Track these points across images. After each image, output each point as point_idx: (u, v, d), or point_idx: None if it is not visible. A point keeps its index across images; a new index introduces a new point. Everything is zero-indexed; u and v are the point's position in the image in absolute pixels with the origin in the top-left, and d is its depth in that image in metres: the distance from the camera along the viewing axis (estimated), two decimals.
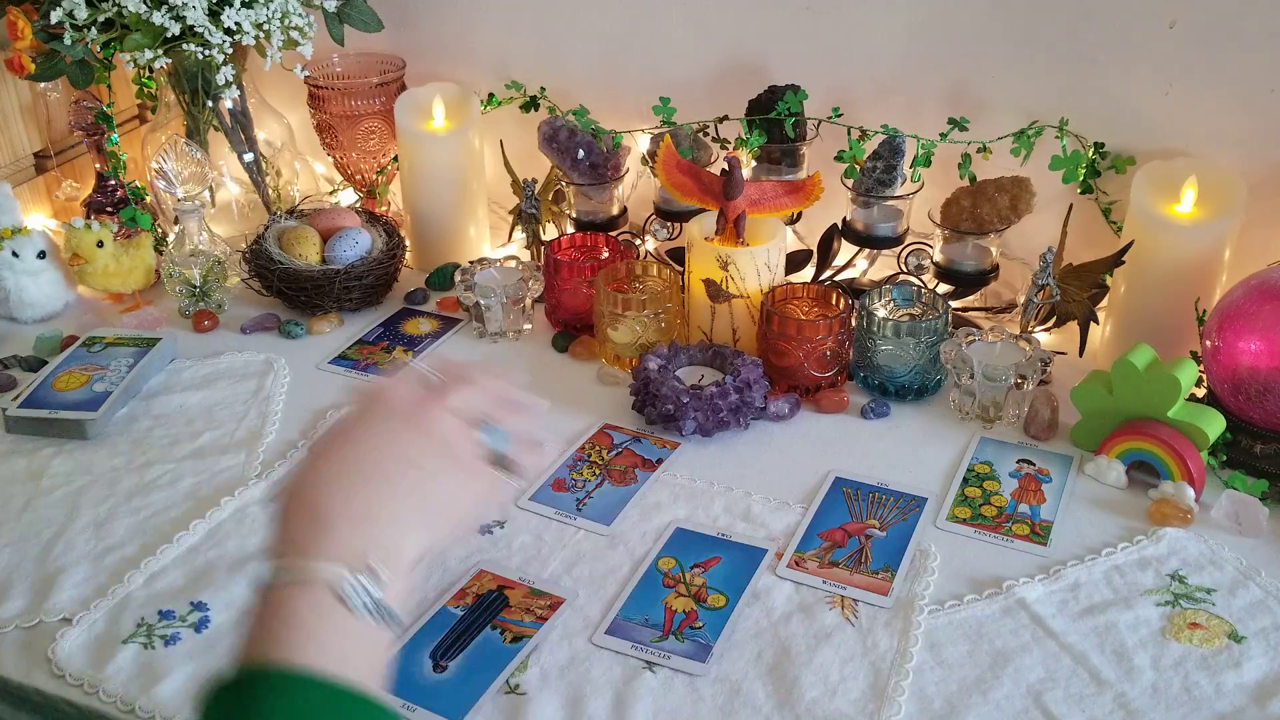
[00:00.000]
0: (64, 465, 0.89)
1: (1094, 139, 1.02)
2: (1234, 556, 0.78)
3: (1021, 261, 1.10)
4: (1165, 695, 0.67)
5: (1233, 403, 0.85)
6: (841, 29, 1.09)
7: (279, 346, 1.08)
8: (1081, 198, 1.03)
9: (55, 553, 0.79)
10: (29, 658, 0.71)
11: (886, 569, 0.77)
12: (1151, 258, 0.95)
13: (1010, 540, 0.80)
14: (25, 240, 1.10)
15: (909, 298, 0.99)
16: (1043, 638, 0.71)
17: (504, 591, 0.75)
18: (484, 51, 1.25)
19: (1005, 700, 0.67)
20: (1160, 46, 0.97)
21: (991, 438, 0.92)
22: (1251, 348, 0.82)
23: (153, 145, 1.22)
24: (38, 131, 1.27)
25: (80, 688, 0.69)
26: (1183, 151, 0.99)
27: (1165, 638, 0.71)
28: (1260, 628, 0.72)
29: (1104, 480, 0.86)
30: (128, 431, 0.94)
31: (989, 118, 1.05)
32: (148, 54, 1.05)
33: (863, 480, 0.87)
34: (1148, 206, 0.95)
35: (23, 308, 1.11)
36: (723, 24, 1.14)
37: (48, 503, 0.85)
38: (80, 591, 0.76)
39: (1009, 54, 1.04)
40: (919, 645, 0.71)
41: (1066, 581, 0.76)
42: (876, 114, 1.08)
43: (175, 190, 1.09)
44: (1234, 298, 0.85)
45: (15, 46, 1.14)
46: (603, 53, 1.20)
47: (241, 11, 1.05)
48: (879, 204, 1.07)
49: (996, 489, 0.86)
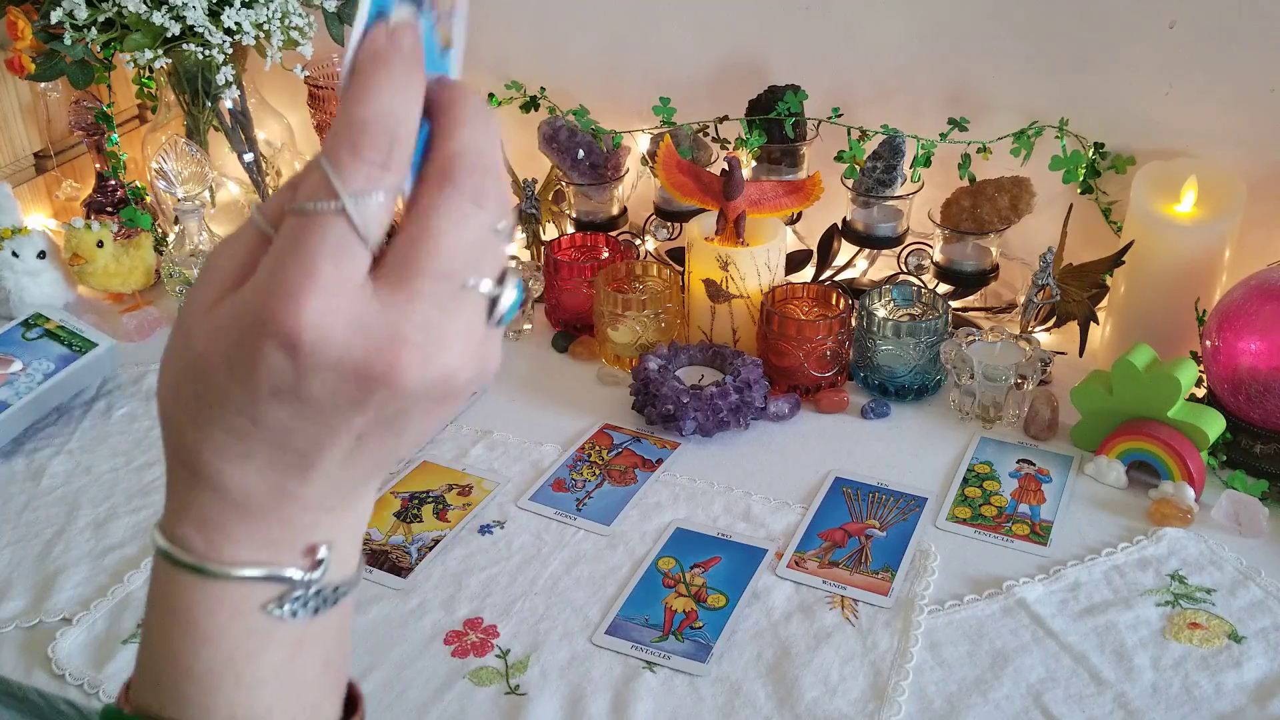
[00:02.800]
0: (63, 465, 0.89)
1: (1094, 139, 1.02)
2: (1234, 556, 0.78)
3: (1021, 261, 1.10)
4: (1165, 695, 0.67)
5: (1232, 403, 0.85)
6: (841, 29, 1.09)
7: None
8: (1081, 198, 1.03)
9: (55, 553, 0.79)
10: (29, 658, 0.71)
11: (886, 569, 0.77)
12: (1151, 258, 0.95)
13: (1010, 540, 0.80)
14: (25, 240, 1.10)
15: (909, 298, 0.99)
16: (1043, 638, 0.71)
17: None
18: (484, 51, 1.25)
19: (1005, 700, 0.67)
20: (1160, 46, 0.97)
21: (991, 438, 0.92)
22: (1251, 348, 0.82)
23: (153, 145, 1.22)
24: (38, 132, 1.27)
25: (80, 688, 0.69)
26: (1182, 151, 0.99)
27: (1165, 638, 0.71)
28: (1260, 628, 0.72)
29: (1104, 480, 0.86)
30: (128, 431, 0.94)
31: (989, 118, 1.05)
32: (148, 54, 1.05)
33: (863, 480, 0.87)
34: (1148, 206, 0.95)
35: (23, 308, 1.11)
36: (723, 24, 1.13)
37: (47, 502, 0.85)
38: (80, 591, 0.76)
39: (1009, 54, 1.04)
40: (919, 645, 0.71)
41: (1066, 581, 0.76)
42: (876, 114, 1.08)
43: (175, 190, 1.09)
44: (1234, 298, 0.85)
45: (15, 46, 1.14)
46: (603, 53, 1.20)
47: (241, 11, 1.05)
48: (879, 204, 1.07)
49: (996, 489, 0.86)
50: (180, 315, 0.32)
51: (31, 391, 0.84)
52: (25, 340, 0.88)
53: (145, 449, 0.91)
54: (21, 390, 0.84)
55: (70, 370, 0.89)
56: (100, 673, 0.69)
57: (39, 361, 0.87)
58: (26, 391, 0.84)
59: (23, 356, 0.86)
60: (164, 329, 1.10)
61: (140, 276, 1.14)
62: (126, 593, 0.76)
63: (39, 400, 0.85)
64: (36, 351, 0.89)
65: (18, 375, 0.84)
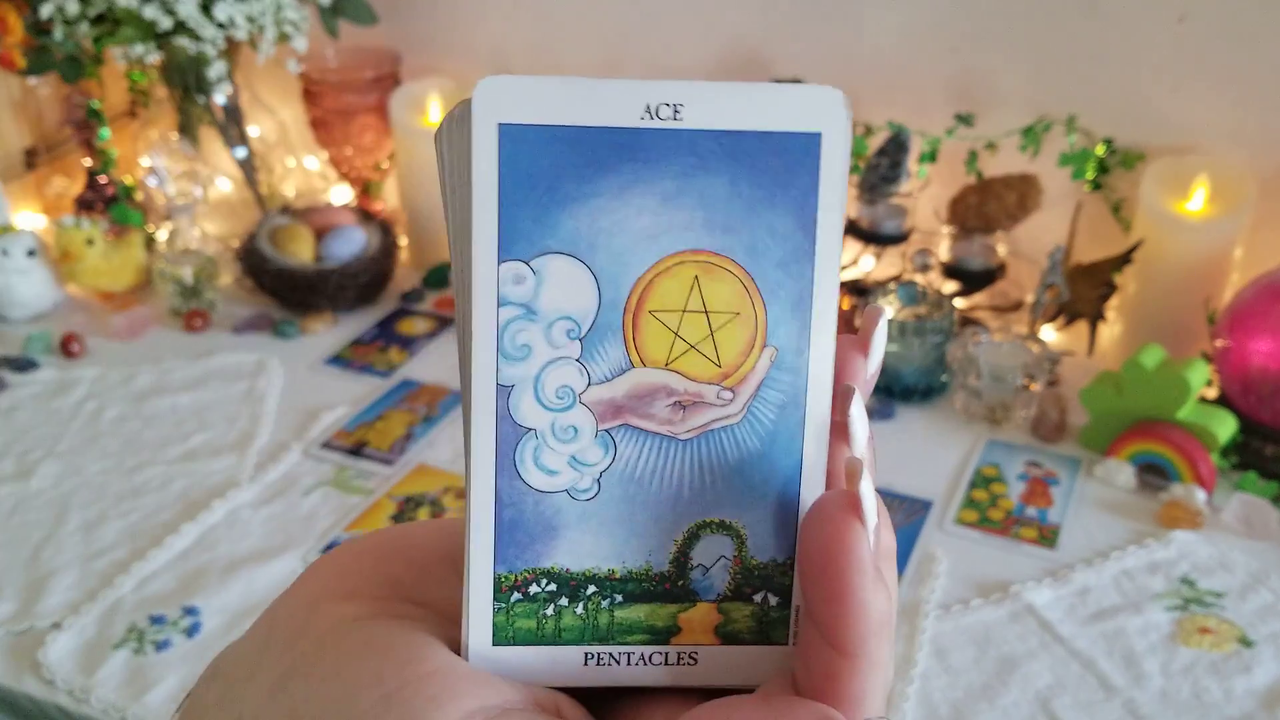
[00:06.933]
0: (53, 467, 0.88)
1: (1103, 135, 1.01)
2: (1244, 560, 0.77)
3: (1029, 260, 1.08)
4: (1175, 701, 0.66)
5: (1243, 404, 0.84)
6: (845, 23, 1.08)
7: (272, 346, 1.06)
8: (1090, 195, 1.02)
9: (44, 556, 0.78)
10: (18, 663, 0.70)
11: None
12: (1161, 256, 0.94)
13: (1018, 544, 0.79)
14: (14, 238, 1.09)
15: (914, 297, 0.98)
16: (1050, 643, 0.70)
17: None
18: (481, 45, 1.23)
19: (1013, 707, 0.65)
20: (1170, 41, 0.96)
21: (999, 439, 0.91)
22: (1263, 348, 0.81)
23: (144, 142, 1.20)
24: (27, 128, 1.25)
25: (71, 694, 0.67)
26: (1193, 148, 0.98)
27: (1175, 642, 0.70)
28: (1270, 632, 0.71)
29: (1113, 483, 0.85)
30: (118, 433, 0.92)
31: (996, 113, 1.03)
32: (139, 49, 1.03)
33: None
34: (1157, 204, 0.94)
35: (12, 307, 1.09)
36: (724, 18, 1.12)
37: (36, 505, 0.83)
38: (70, 596, 0.75)
39: (1017, 48, 1.02)
40: (925, 651, 0.69)
41: (1075, 586, 0.75)
42: (881, 110, 1.06)
43: (167, 187, 1.07)
44: (1245, 297, 0.84)
45: (5, 41, 1.12)
46: (603, 48, 1.18)
47: (234, 5, 1.04)
48: (884, 201, 1.06)
49: (1004, 492, 0.85)
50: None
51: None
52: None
53: (136, 451, 0.90)
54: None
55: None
56: (90, 679, 0.68)
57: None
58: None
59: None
60: (154, 328, 1.09)
61: (130, 275, 1.13)
62: (117, 597, 0.74)
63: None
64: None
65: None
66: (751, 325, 0.21)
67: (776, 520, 0.22)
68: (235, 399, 0.97)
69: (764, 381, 0.22)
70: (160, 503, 0.84)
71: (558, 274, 0.21)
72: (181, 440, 0.91)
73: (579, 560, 0.22)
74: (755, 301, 0.21)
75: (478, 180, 0.21)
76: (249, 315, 1.10)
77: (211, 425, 0.93)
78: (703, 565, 0.22)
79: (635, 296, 0.21)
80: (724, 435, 0.22)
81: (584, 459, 0.22)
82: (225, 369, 1.02)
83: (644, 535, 0.22)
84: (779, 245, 0.21)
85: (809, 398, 0.22)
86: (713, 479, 0.22)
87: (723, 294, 0.21)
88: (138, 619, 0.72)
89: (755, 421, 0.22)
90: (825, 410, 0.22)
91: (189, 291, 1.10)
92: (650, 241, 0.21)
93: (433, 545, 0.24)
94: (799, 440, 0.22)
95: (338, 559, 0.24)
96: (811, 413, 0.22)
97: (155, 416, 0.95)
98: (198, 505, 0.83)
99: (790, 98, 0.21)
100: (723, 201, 0.21)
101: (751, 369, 0.22)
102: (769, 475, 0.22)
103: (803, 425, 0.22)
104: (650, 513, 0.22)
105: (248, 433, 0.92)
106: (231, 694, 0.22)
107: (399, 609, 0.22)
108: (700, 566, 0.22)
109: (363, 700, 0.20)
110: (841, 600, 0.20)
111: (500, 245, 0.21)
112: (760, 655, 0.23)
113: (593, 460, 0.22)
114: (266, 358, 1.04)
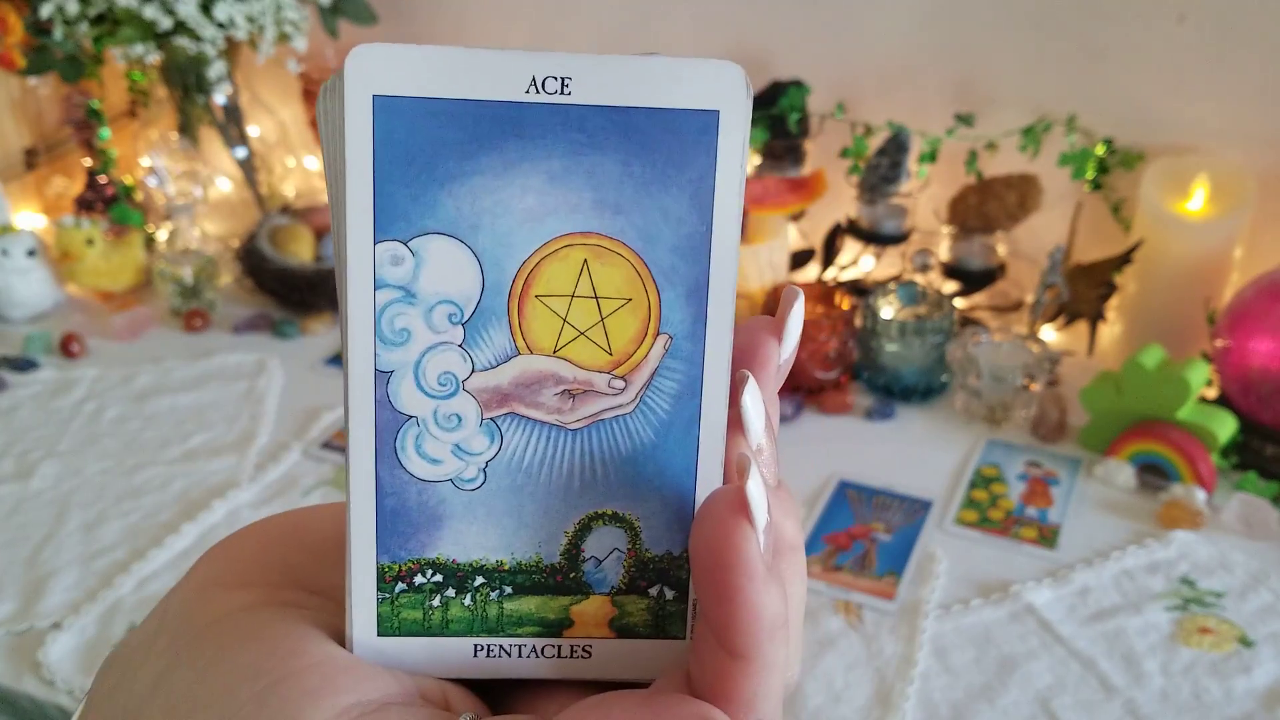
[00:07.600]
0: (53, 468, 0.88)
1: (1103, 135, 1.01)
2: (1244, 560, 0.77)
3: (1029, 260, 1.08)
4: (1175, 701, 0.66)
5: (1243, 404, 0.84)
6: (845, 23, 1.08)
7: (272, 346, 1.06)
8: (1090, 195, 1.02)
9: (44, 556, 0.78)
10: (18, 663, 0.69)
11: (892, 573, 0.76)
12: (1161, 256, 0.94)
13: (1018, 544, 0.79)
14: (14, 238, 1.09)
15: (914, 297, 0.98)
16: (1051, 643, 0.70)
17: None
18: (478, 43, 1.23)
19: (1013, 707, 0.65)
20: (1170, 41, 0.96)
21: (999, 439, 0.91)
22: (1263, 348, 0.81)
23: (144, 142, 1.20)
24: (27, 128, 1.25)
25: (71, 694, 0.67)
26: (1193, 148, 0.98)
27: (1175, 642, 0.70)
28: (1270, 632, 0.71)
29: (1113, 483, 0.85)
30: (118, 433, 0.93)
31: (996, 113, 1.03)
32: (139, 48, 1.03)
33: (867, 483, 0.86)
34: (1157, 204, 0.94)
35: (12, 306, 1.09)
36: (724, 18, 1.12)
37: (36, 505, 0.83)
38: (70, 595, 0.74)
39: (1017, 48, 1.02)
40: (925, 651, 0.69)
41: (1075, 586, 0.75)
42: (881, 109, 1.06)
43: (166, 187, 1.07)
44: (1245, 297, 0.84)
45: (5, 41, 1.12)
46: (602, 47, 1.18)
47: (234, 5, 1.04)
48: (884, 201, 1.06)
49: (1004, 492, 0.85)
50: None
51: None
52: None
53: (135, 451, 0.90)
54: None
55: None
56: (90, 679, 0.68)
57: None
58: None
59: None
60: (154, 328, 1.09)
61: (130, 275, 1.13)
62: (117, 597, 0.74)
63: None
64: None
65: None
66: (644, 312, 0.20)
67: (672, 513, 0.21)
68: (235, 399, 0.97)
69: (657, 370, 0.21)
70: (160, 503, 0.84)
71: (438, 255, 0.20)
72: (181, 440, 0.91)
73: (466, 551, 0.21)
74: (648, 287, 0.20)
75: (351, 156, 0.19)
76: (249, 315, 1.10)
77: (211, 425, 0.93)
78: (595, 557, 0.21)
79: (521, 280, 0.20)
80: (616, 425, 0.21)
81: (468, 448, 0.21)
82: (225, 369, 1.02)
83: (533, 526, 0.21)
84: (673, 229, 0.20)
85: (705, 387, 0.21)
86: (604, 470, 0.21)
87: (614, 279, 0.20)
88: (138, 619, 0.72)
89: (649, 411, 0.21)
90: (722, 400, 0.21)
91: (189, 291, 1.10)
92: (536, 223, 0.20)
93: (330, 531, 0.23)
94: (695, 431, 0.21)
95: (232, 545, 0.23)
96: (708, 403, 0.21)
97: (155, 416, 0.95)
98: (198, 505, 0.83)
99: (687, 73, 0.20)
100: (614, 182, 0.20)
101: (644, 357, 0.21)
102: (663, 467, 0.21)
103: (698, 416, 0.21)
104: (539, 503, 0.21)
105: (248, 433, 0.92)
106: (123, 684, 0.21)
107: (291, 596, 0.22)
108: (593, 559, 0.21)
109: (240, 693, 0.19)
110: (731, 602, 0.19)
111: (376, 225, 0.20)
112: (657, 649, 0.22)
113: (478, 449, 0.21)
114: (266, 358, 1.04)
